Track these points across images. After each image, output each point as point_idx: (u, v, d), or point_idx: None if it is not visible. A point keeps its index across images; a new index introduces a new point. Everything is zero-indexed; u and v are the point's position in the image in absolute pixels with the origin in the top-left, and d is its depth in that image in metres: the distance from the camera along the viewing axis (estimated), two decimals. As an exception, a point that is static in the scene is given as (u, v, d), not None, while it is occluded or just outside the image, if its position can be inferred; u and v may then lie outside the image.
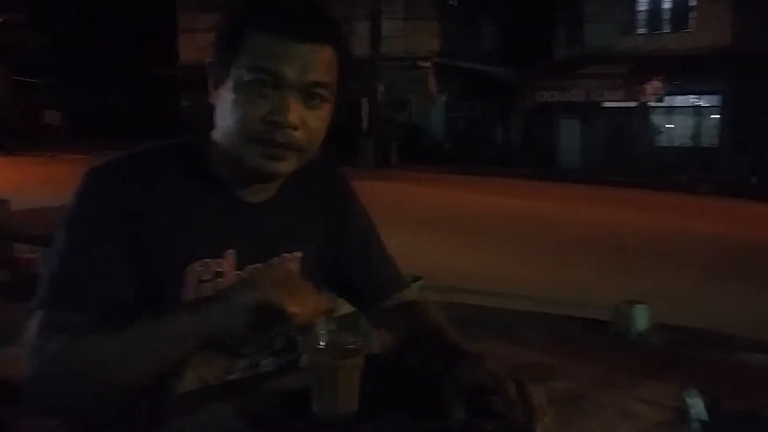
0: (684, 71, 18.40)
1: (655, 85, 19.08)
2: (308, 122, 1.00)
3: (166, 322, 0.93)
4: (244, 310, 0.92)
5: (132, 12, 25.82)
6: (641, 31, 20.97)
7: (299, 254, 1.15)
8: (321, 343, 0.92)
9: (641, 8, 20.69)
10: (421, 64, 21.90)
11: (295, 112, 0.98)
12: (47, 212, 3.29)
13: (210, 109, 1.05)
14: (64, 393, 0.95)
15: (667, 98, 19.83)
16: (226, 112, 1.00)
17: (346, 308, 1.35)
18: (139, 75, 26.36)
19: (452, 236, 8.07)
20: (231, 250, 1.07)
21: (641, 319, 4.11)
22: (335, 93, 1.03)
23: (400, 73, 21.45)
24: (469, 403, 0.93)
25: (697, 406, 0.79)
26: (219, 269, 1.06)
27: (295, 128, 0.99)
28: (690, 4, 19.94)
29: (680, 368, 1.20)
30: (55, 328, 0.94)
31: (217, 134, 1.05)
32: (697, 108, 20.72)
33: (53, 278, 0.98)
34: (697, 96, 20.48)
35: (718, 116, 19.93)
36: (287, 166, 1.02)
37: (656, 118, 21.24)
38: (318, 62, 0.99)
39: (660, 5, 20.49)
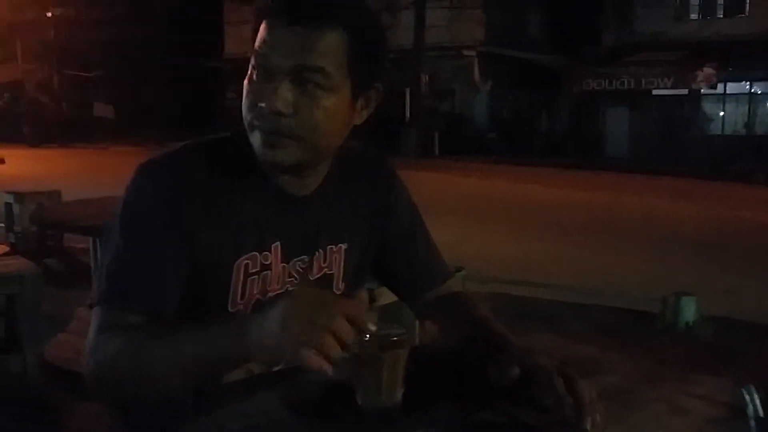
0: (738, 57, 17.85)
1: (707, 71, 18.54)
2: (302, 109, 0.97)
3: (212, 339, 0.91)
4: (277, 360, 0.90)
5: (179, 5, 26.20)
6: (694, 16, 20.42)
7: (344, 246, 1.15)
8: (366, 334, 0.91)
9: (694, -7, 20.16)
10: (466, 53, 21.70)
11: (283, 98, 0.96)
12: (98, 203, 3.37)
13: None
14: (120, 390, 0.99)
15: (719, 85, 19.27)
16: None
17: (388, 298, 1.35)
18: (187, 68, 26.77)
19: (496, 227, 8.00)
20: (277, 243, 1.07)
21: (689, 310, 4.02)
22: (345, 79, 0.98)
23: (444, 63, 21.30)
24: (517, 397, 0.92)
25: (754, 402, 0.76)
26: (266, 262, 1.07)
27: (282, 115, 0.96)
28: (745, -12, 19.33)
29: (733, 362, 1.16)
30: (112, 329, 0.97)
31: None
32: (751, 95, 20.08)
33: (109, 274, 1.00)
34: (751, 83, 19.85)
35: (774, 103, 19.30)
36: (287, 154, 1.00)
37: (708, 106, 20.67)
38: (315, 46, 0.95)
39: (714, -11, 19.92)
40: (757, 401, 0.76)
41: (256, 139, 1.00)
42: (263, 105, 0.97)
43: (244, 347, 0.88)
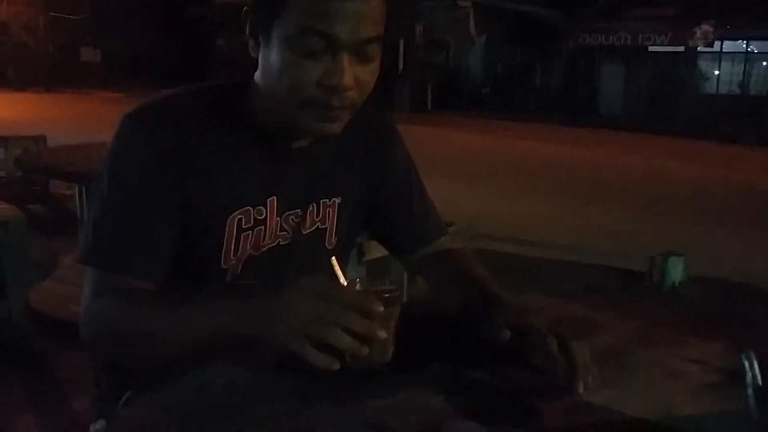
0: (736, 15, 17.66)
1: (704, 28, 18.38)
2: (361, 78, 0.95)
3: (208, 315, 0.88)
4: (280, 348, 0.84)
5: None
6: (693, -29, 20.09)
7: (337, 200, 1.12)
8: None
9: (694, -53, 19.79)
10: (462, 4, 21.33)
11: (350, 72, 0.92)
12: (84, 149, 3.32)
13: (246, 50, 1.00)
14: (122, 355, 0.99)
15: (716, 43, 19.12)
16: (272, 73, 0.94)
17: (378, 252, 1.33)
18: (176, 13, 26.22)
19: (487, 183, 8.00)
20: (272, 198, 1.04)
21: (676, 271, 4.05)
22: (383, 38, 0.96)
23: (439, 14, 20.97)
24: (510, 357, 0.90)
25: (753, 370, 0.75)
26: (259, 217, 1.04)
27: (349, 89, 0.93)
28: (747, -57, 19.00)
29: (725, 326, 1.15)
30: (108, 292, 0.95)
31: (261, 84, 0.99)
32: (747, 54, 19.95)
33: (97, 232, 0.97)
34: (748, 41, 19.70)
35: (769, 63, 19.22)
36: (341, 125, 0.98)
37: (704, 64, 20.55)
38: (370, 16, 0.92)
39: (714, -56, 19.56)
40: (757, 369, 0.75)
41: (307, 114, 0.95)
42: (329, 82, 0.92)
43: (248, 331, 0.84)
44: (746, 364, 0.75)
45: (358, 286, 0.89)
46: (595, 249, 4.88)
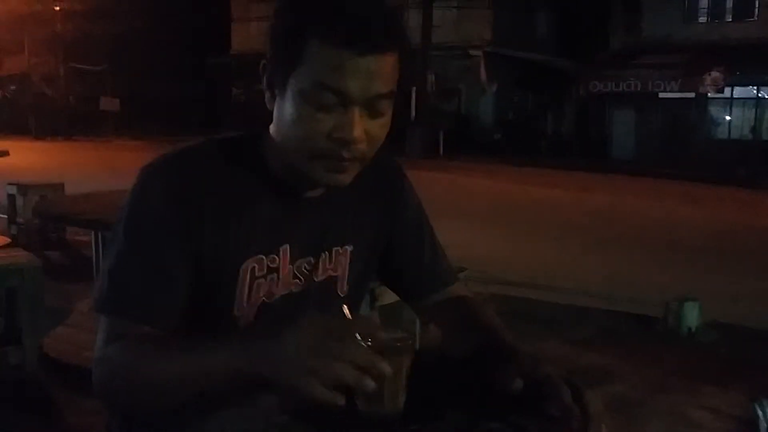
0: (746, 61, 17.80)
1: (714, 75, 18.49)
2: (371, 132, 0.97)
3: (218, 358, 0.89)
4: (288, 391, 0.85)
5: (186, 1, 26.23)
6: (702, 19, 20.36)
7: (349, 248, 1.13)
8: (369, 341, 0.89)
9: (703, -4, 20.10)
10: (473, 53, 21.68)
11: (360, 126, 0.95)
12: (101, 196, 3.36)
13: (261, 99, 1.03)
14: (129, 402, 0.99)
15: (726, 89, 19.21)
16: (286, 124, 0.97)
17: (390, 297, 1.33)
18: (193, 63, 26.80)
19: (499, 228, 7.99)
20: (285, 246, 1.06)
21: (691, 316, 3.99)
22: (395, 93, 0.99)
23: (450, 62, 21.29)
24: (524, 407, 0.90)
25: (766, 417, 0.74)
26: (272, 265, 1.05)
27: (359, 142, 0.96)
28: (754, -9, 19.26)
29: (741, 373, 1.14)
30: (120, 339, 0.96)
31: (275, 135, 1.02)
32: (758, 99, 20.01)
33: (112, 281, 0.99)
34: (758, 87, 19.78)
35: (781, 108, 19.25)
36: (350, 176, 1.00)
37: (715, 110, 20.62)
38: (383, 73, 0.94)
39: (722, -7, 19.86)
40: (771, 417, 0.74)
41: (318, 165, 0.97)
42: (340, 135, 0.94)
43: (258, 371, 0.84)
44: (759, 412, 0.75)
45: (371, 337, 0.89)
46: (609, 294, 4.84)
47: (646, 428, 0.90)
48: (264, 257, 1.04)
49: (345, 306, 0.93)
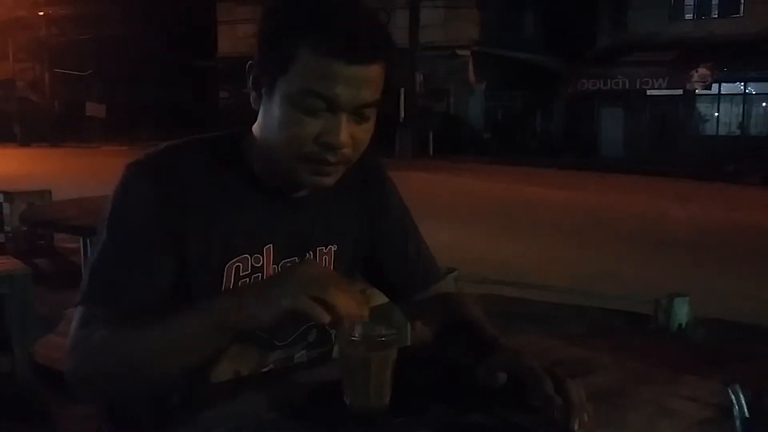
0: (733, 58, 17.92)
1: (702, 72, 18.62)
2: (357, 136, 0.99)
3: (200, 314, 0.93)
4: (274, 312, 0.90)
5: (172, 4, 26.14)
6: (688, 16, 20.49)
7: (334, 248, 1.14)
8: (354, 335, 0.91)
9: (688, -7, 20.23)
10: (461, 52, 21.73)
11: (346, 131, 0.97)
12: (88, 202, 3.36)
13: (249, 103, 1.04)
14: (104, 385, 0.98)
15: (714, 86, 19.34)
16: (273, 127, 0.98)
17: (379, 299, 1.34)
18: (179, 67, 26.70)
19: (489, 228, 8.01)
20: (269, 246, 1.07)
21: (681, 312, 4.03)
22: (380, 100, 1.01)
23: (438, 62, 21.33)
24: (507, 399, 0.91)
25: (740, 403, 0.76)
26: (257, 264, 1.06)
27: (347, 146, 0.98)
28: (740, -12, 19.40)
29: (723, 364, 1.16)
30: (94, 323, 0.96)
31: (260, 135, 1.03)
32: (745, 95, 20.16)
33: (93, 274, 0.99)
34: (745, 83, 19.92)
35: (768, 104, 19.39)
36: (334, 179, 1.02)
37: (703, 107, 20.76)
38: (371, 82, 0.96)
39: (708, -10, 19.99)
40: (743, 401, 0.76)
41: (303, 168, 0.99)
42: (327, 140, 0.96)
43: (238, 306, 0.91)
44: (733, 397, 0.77)
45: (358, 332, 0.91)
46: (599, 292, 4.87)
47: (628, 417, 0.91)
48: (248, 257, 1.05)
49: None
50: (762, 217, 9.46)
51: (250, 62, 1.01)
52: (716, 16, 20.03)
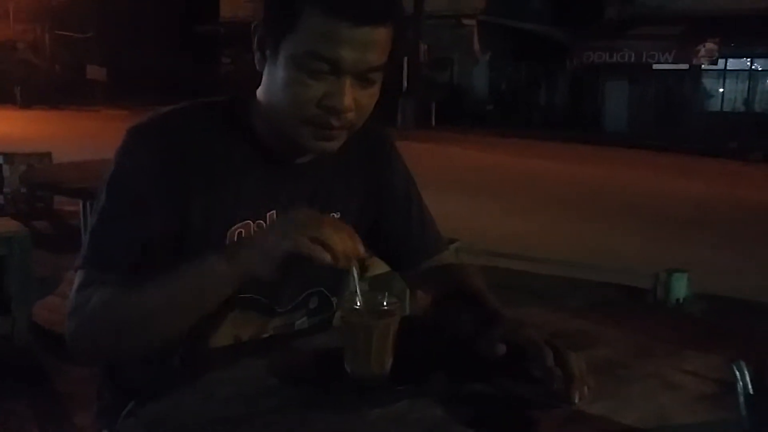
0: (740, 33, 17.72)
1: (709, 47, 18.43)
2: (361, 101, 0.97)
3: (200, 269, 0.93)
4: (274, 257, 0.90)
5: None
6: (696, -10, 20.19)
7: (336, 215, 1.13)
8: (356, 303, 0.90)
9: (697, -34, 19.90)
10: (466, 22, 21.47)
11: (351, 95, 0.95)
12: (88, 165, 3.35)
13: (253, 67, 1.02)
14: (104, 347, 0.98)
15: (720, 61, 19.16)
16: (276, 89, 0.97)
17: (380, 268, 1.34)
18: (181, 31, 26.43)
19: (491, 200, 8.00)
20: (272, 212, 1.06)
21: (680, 287, 4.04)
22: (387, 65, 0.99)
23: (443, 32, 21.08)
24: (507, 369, 0.91)
25: (743, 379, 0.76)
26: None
27: (348, 111, 0.96)
28: (749, -39, 19.08)
29: (725, 339, 1.15)
30: (94, 286, 0.96)
31: (264, 99, 1.02)
32: (751, 71, 19.99)
33: (92, 238, 0.99)
34: (752, 59, 19.74)
35: (774, 80, 19.23)
36: (338, 144, 1.01)
37: (708, 82, 20.59)
38: (377, 45, 0.94)
39: (717, -37, 19.65)
40: (747, 378, 0.76)
41: (306, 131, 0.98)
42: (330, 103, 0.95)
43: (237, 257, 0.91)
44: (737, 373, 0.76)
45: (359, 300, 0.91)
46: (599, 266, 4.88)
47: (629, 390, 0.91)
48: (251, 222, 1.04)
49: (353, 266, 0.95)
50: (764, 195, 9.44)
51: (255, 23, 0.99)
52: (725, -10, 19.76)
